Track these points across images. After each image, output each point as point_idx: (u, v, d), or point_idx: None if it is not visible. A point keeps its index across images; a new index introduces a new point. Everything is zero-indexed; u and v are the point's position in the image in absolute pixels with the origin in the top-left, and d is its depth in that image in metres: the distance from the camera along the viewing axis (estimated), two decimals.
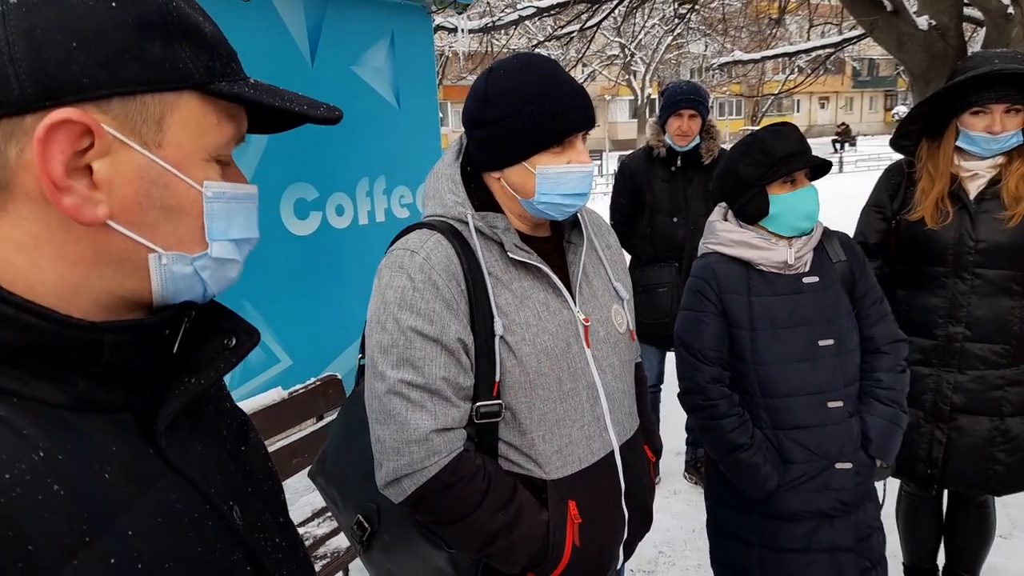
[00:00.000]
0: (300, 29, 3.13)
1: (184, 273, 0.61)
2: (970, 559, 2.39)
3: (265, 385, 3.01)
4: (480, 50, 10.25)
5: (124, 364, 0.58)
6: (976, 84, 1.94)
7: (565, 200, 1.24)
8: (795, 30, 15.25)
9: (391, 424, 1.18)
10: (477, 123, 1.27)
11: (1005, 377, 2.06)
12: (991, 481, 2.12)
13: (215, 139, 0.61)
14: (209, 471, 0.65)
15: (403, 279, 1.19)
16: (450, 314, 1.18)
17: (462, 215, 1.26)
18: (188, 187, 0.60)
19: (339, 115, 0.69)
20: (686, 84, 3.26)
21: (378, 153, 3.58)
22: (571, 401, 1.26)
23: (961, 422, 2.09)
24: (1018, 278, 2.02)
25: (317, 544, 2.42)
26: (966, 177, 2.05)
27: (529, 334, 1.23)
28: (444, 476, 1.16)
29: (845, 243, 1.85)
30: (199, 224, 0.61)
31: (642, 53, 26.53)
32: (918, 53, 4.44)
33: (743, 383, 1.78)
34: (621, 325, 1.39)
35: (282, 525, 0.76)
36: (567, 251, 1.36)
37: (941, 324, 2.09)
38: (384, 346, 1.19)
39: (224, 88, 0.60)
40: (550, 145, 1.22)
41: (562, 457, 1.25)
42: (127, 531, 0.53)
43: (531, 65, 1.25)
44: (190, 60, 0.58)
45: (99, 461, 0.54)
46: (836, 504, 1.73)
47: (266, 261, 3.01)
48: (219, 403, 0.77)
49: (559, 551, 1.23)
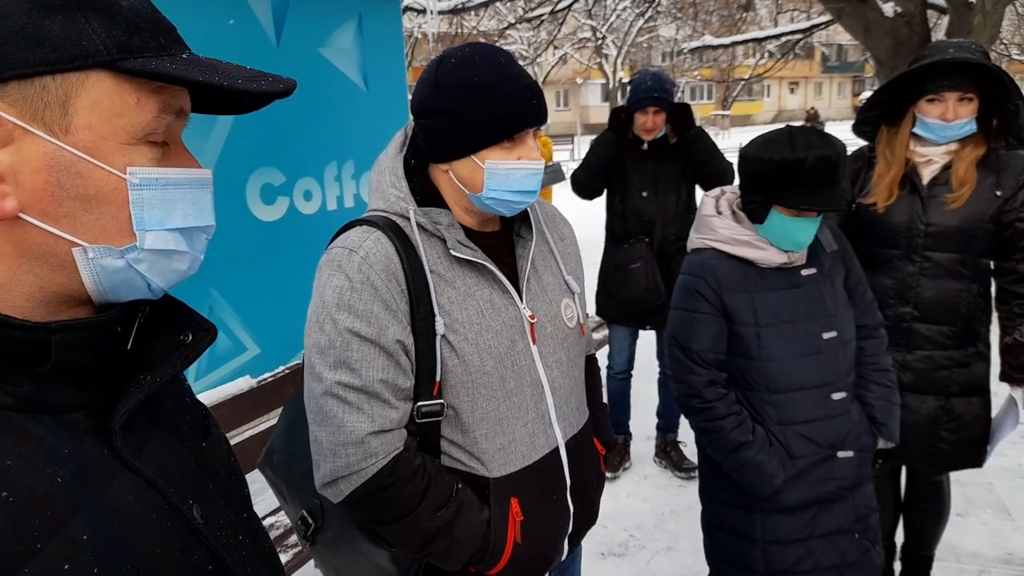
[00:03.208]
0: (265, 9, 3.05)
1: (116, 267, 0.57)
2: (927, 537, 2.47)
3: (233, 373, 2.97)
4: (450, 32, 10.14)
5: (73, 364, 0.56)
6: (931, 72, 1.98)
7: (513, 196, 1.21)
8: (765, 15, 15.36)
9: (328, 426, 1.16)
10: (427, 112, 1.23)
11: (952, 358, 2.11)
12: (935, 458, 2.19)
13: (136, 120, 0.56)
14: (168, 470, 0.64)
15: (341, 279, 1.17)
16: (388, 315, 1.16)
17: (404, 210, 1.23)
18: (107, 174, 0.55)
19: (284, 87, 0.63)
20: (651, 79, 3.23)
21: (346, 137, 3.53)
22: (515, 399, 1.25)
23: (908, 400, 2.13)
24: (966, 261, 2.07)
25: (287, 533, 2.40)
26: (921, 163, 2.10)
27: (472, 332, 1.21)
28: (382, 477, 1.15)
29: (835, 232, 1.86)
30: (125, 214, 0.57)
31: (613, 36, 26.47)
32: (884, 40, 4.51)
33: (749, 380, 1.74)
34: (571, 320, 1.36)
35: (245, 521, 0.75)
36: (516, 245, 1.33)
37: (892, 304, 2.14)
38: (321, 347, 1.17)
39: (136, 65, 0.55)
40: (500, 140, 1.19)
41: (505, 455, 1.25)
42: (82, 535, 0.52)
43: (484, 56, 1.21)
44: (98, 36, 0.54)
45: (50, 464, 0.52)
46: (836, 490, 1.74)
47: (233, 248, 2.96)
48: (179, 398, 0.75)
49: (500, 548, 1.23)
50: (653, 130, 3.25)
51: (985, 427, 2.17)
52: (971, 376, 2.14)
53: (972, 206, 2.02)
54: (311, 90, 3.32)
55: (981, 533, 2.93)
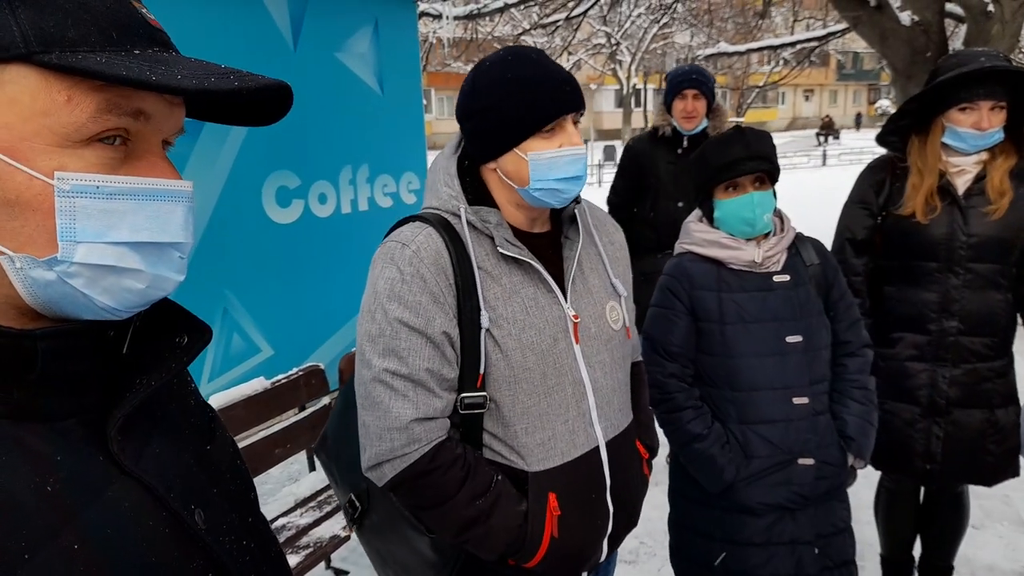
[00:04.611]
0: (283, 14, 3.09)
1: (48, 280, 0.52)
2: (945, 549, 2.44)
3: (247, 375, 2.99)
4: (465, 37, 10.18)
5: (63, 370, 0.55)
6: (964, 81, 1.96)
7: (560, 185, 1.25)
8: (780, 22, 15.31)
9: (375, 411, 1.21)
10: (467, 114, 1.28)
11: (993, 369, 2.09)
12: (984, 472, 2.16)
13: (66, 120, 0.51)
14: (169, 474, 0.62)
15: (393, 271, 1.21)
16: (436, 307, 1.20)
17: (455, 208, 1.27)
18: (29, 178, 0.50)
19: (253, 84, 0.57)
20: (688, 66, 3.16)
21: (361, 141, 3.55)
22: (555, 396, 1.27)
23: (957, 416, 2.11)
24: (1005, 272, 2.05)
25: (300, 534, 2.41)
26: (954, 173, 2.07)
27: (515, 329, 1.24)
28: (423, 463, 1.19)
29: (818, 249, 1.89)
30: (51, 222, 0.51)
31: (628, 43, 26.50)
32: (901, 48, 4.48)
33: (711, 377, 1.81)
34: (616, 322, 1.38)
35: (250, 525, 0.73)
36: (563, 246, 1.36)
37: (935, 319, 2.10)
38: (372, 335, 1.21)
39: (53, 59, 0.50)
40: (539, 128, 1.22)
41: (544, 450, 1.27)
42: (72, 545, 0.51)
43: (517, 54, 1.26)
44: (19, 27, 0.49)
45: (40, 473, 0.51)
46: (795, 497, 1.76)
47: (248, 250, 2.98)
48: (183, 400, 0.72)
49: (536, 541, 1.25)
50: (694, 116, 3.07)
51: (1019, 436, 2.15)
52: (1008, 385, 2.12)
53: (1011, 216, 2.00)
54: (327, 94, 3.34)
55: (998, 546, 2.89)
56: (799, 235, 1.87)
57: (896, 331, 2.18)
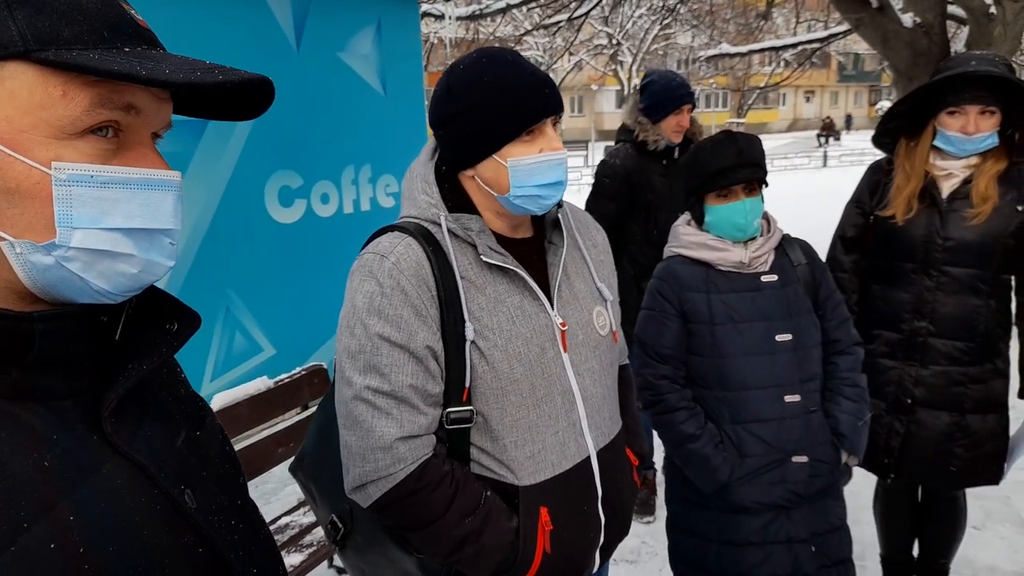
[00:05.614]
0: (286, 14, 3.09)
1: (46, 264, 0.55)
2: (943, 550, 2.44)
3: (249, 374, 3.00)
4: (467, 37, 10.20)
5: (60, 352, 0.57)
6: (952, 85, 1.96)
7: (541, 191, 1.20)
8: (782, 23, 15.31)
9: (357, 430, 1.16)
10: (443, 120, 1.23)
11: (967, 374, 2.08)
12: (948, 475, 2.15)
13: (62, 113, 0.54)
14: (159, 456, 0.65)
15: (372, 284, 1.16)
16: (418, 320, 1.15)
17: (435, 216, 1.22)
18: (28, 168, 0.53)
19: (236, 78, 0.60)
20: (676, 77, 3.03)
21: (364, 141, 3.56)
22: (545, 407, 1.23)
23: (920, 415, 2.12)
24: (985, 277, 2.04)
25: (303, 533, 2.42)
26: (940, 176, 2.08)
27: (501, 339, 1.19)
28: (409, 483, 1.14)
29: (806, 249, 1.91)
30: (50, 209, 0.55)
31: (629, 43, 26.49)
32: (903, 50, 4.48)
33: (704, 378, 1.82)
34: (603, 327, 1.34)
35: (239, 507, 0.76)
36: (547, 252, 1.31)
37: (907, 319, 2.12)
38: (352, 351, 1.17)
39: (49, 55, 0.53)
40: (518, 133, 1.17)
41: (535, 463, 1.23)
42: (68, 516, 0.53)
43: (491, 56, 1.21)
44: (16, 26, 0.53)
45: (37, 449, 0.54)
46: (790, 496, 1.77)
47: (250, 249, 2.99)
48: (173, 389, 0.75)
49: (529, 557, 1.21)
50: (685, 130, 3.00)
51: (1003, 444, 2.14)
52: (988, 392, 2.10)
53: (992, 221, 1.99)
54: (330, 94, 3.35)
55: (999, 547, 2.89)
56: (786, 236, 1.89)
57: (875, 328, 2.20)
